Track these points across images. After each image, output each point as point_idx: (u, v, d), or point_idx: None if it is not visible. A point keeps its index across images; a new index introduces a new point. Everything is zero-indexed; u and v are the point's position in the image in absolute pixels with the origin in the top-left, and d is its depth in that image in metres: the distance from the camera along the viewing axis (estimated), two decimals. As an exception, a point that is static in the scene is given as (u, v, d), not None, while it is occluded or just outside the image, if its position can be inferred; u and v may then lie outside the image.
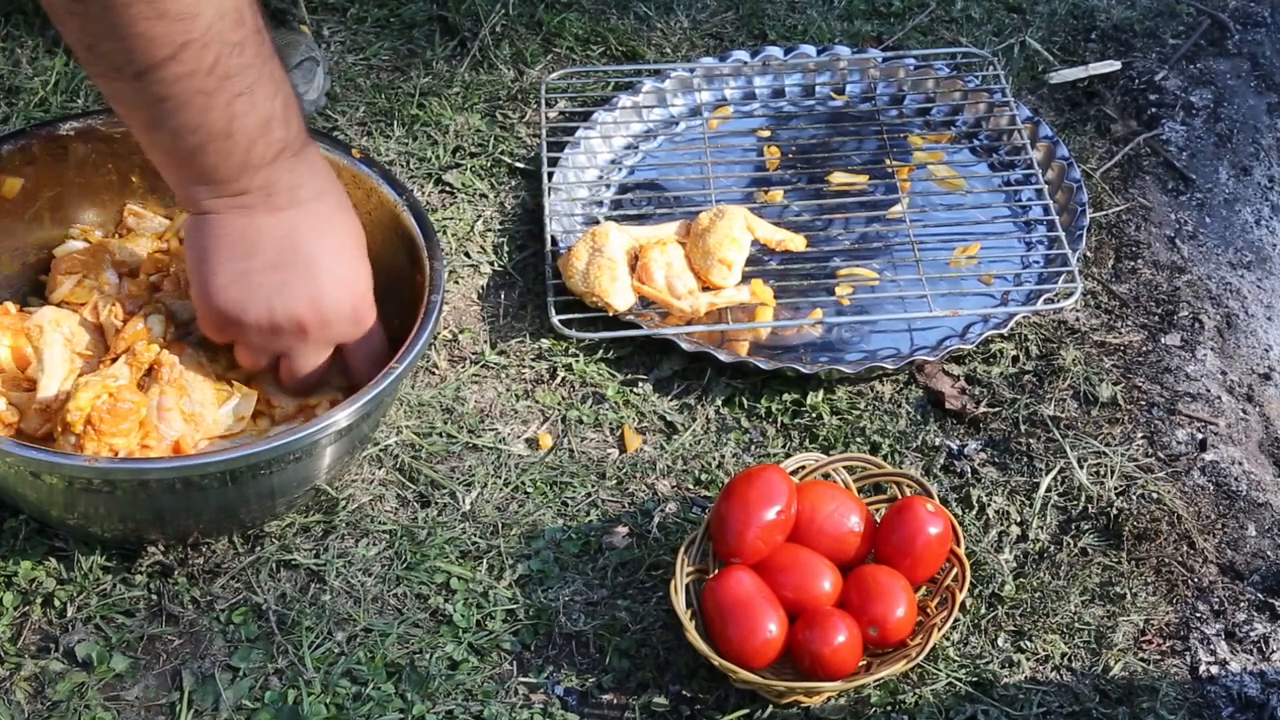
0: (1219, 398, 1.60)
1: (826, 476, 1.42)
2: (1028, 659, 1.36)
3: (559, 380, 1.57)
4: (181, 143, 1.19)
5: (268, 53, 1.21)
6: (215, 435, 1.36)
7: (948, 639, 1.36)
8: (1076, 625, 1.38)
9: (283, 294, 1.27)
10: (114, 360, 1.37)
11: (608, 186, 1.79)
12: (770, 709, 1.31)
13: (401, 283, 1.45)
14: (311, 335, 1.30)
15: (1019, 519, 1.46)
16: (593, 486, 1.47)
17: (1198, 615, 1.41)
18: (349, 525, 1.42)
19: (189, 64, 1.14)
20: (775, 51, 1.91)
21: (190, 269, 1.28)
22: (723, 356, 1.55)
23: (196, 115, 1.17)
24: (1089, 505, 1.48)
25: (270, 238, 1.25)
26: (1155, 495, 1.48)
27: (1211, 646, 1.38)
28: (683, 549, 1.35)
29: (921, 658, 1.29)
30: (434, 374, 1.57)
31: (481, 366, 1.57)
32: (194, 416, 1.35)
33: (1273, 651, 1.39)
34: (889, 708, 1.31)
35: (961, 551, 1.36)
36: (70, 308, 1.46)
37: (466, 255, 1.68)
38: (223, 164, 1.21)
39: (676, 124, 1.87)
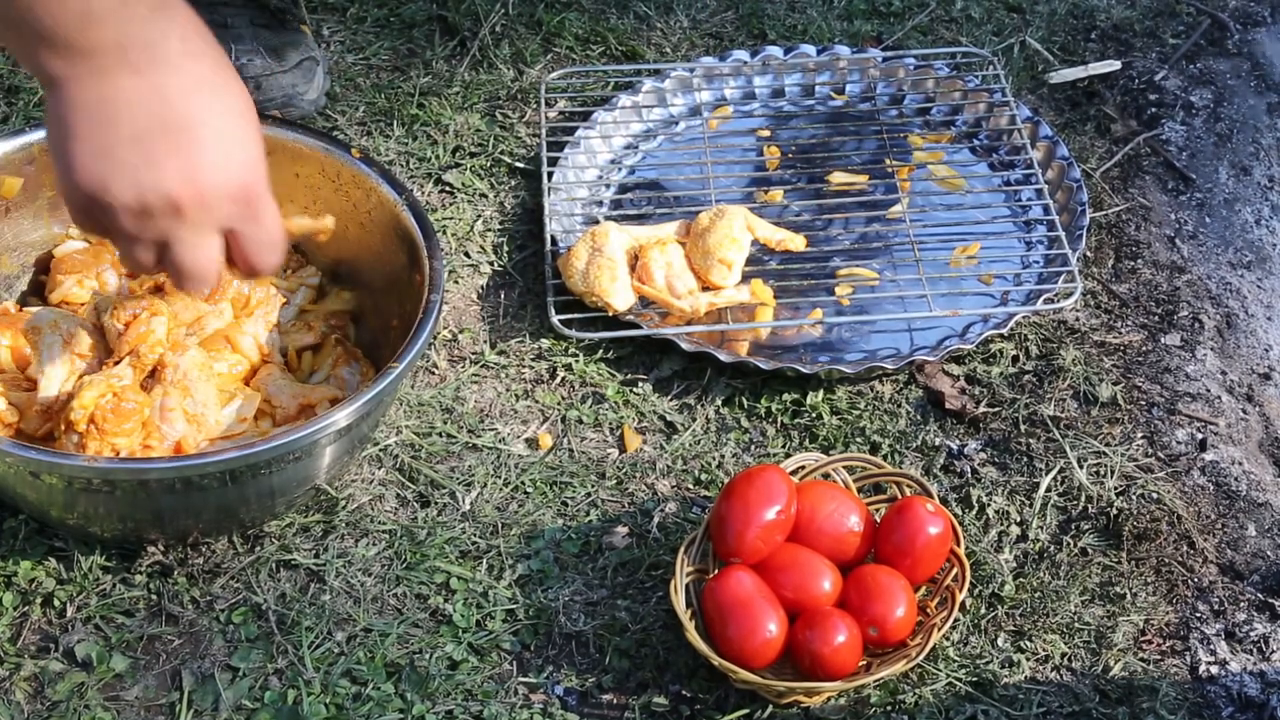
0: (1219, 398, 1.60)
1: (826, 476, 1.42)
2: (1028, 659, 1.36)
3: (559, 380, 1.57)
4: (10, 3, 1.03)
5: None
6: (217, 436, 1.36)
7: (948, 639, 1.36)
8: (1076, 625, 1.38)
9: (151, 168, 1.08)
10: (117, 362, 1.37)
11: (608, 186, 1.79)
12: (770, 709, 1.31)
13: (401, 282, 1.45)
14: (189, 216, 1.10)
15: (1019, 519, 1.46)
16: (593, 486, 1.47)
17: (1198, 615, 1.41)
18: (349, 525, 1.42)
19: None
20: (775, 51, 1.91)
21: (50, 151, 1.11)
22: (723, 356, 1.55)
23: None
24: (1089, 505, 1.48)
25: (132, 103, 1.07)
26: (1155, 495, 1.48)
27: (1211, 646, 1.38)
28: (683, 549, 1.35)
29: (921, 658, 1.29)
30: (434, 374, 1.56)
31: (481, 366, 1.57)
32: (197, 417, 1.35)
33: (1273, 651, 1.38)
34: (889, 708, 1.31)
35: (961, 551, 1.36)
36: (70, 308, 1.46)
37: (466, 255, 1.68)
38: (62, 20, 1.04)
39: (676, 124, 1.87)
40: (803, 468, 1.43)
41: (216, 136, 1.10)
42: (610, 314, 1.58)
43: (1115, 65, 1.95)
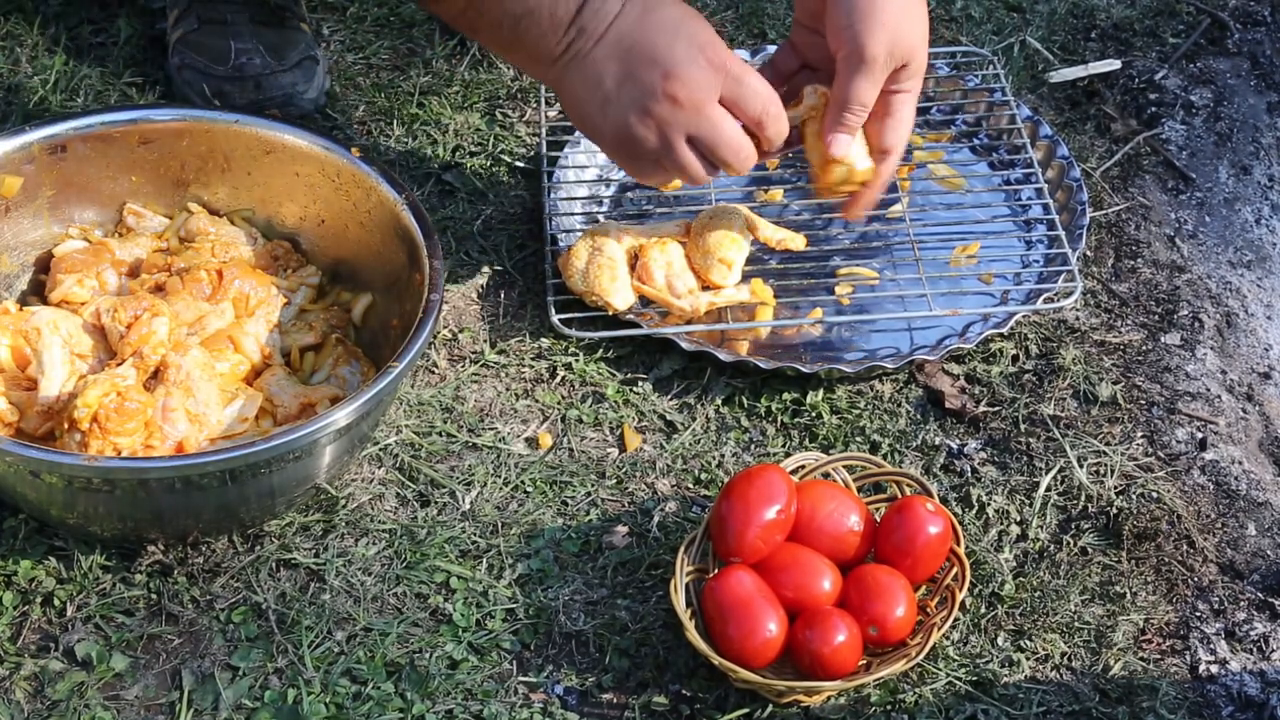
0: (1219, 397, 1.60)
1: (826, 476, 1.42)
2: (1028, 658, 1.36)
3: (559, 379, 1.57)
4: (501, 36, 1.41)
5: None
6: (218, 435, 1.36)
7: (948, 638, 1.36)
8: (1076, 624, 1.38)
9: (639, 88, 1.39)
10: (121, 363, 1.37)
11: (608, 185, 1.79)
12: (770, 708, 1.31)
13: (401, 282, 1.45)
14: (687, 101, 1.39)
15: (1019, 518, 1.46)
16: (592, 486, 1.47)
17: (1198, 614, 1.41)
18: (349, 524, 1.42)
19: None
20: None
21: (581, 131, 1.48)
22: (723, 356, 1.55)
23: (494, 10, 1.39)
24: (1089, 504, 1.48)
25: (605, 60, 1.39)
26: (1155, 494, 1.48)
27: (1211, 646, 1.38)
28: (682, 548, 1.35)
29: (921, 657, 1.29)
30: (434, 373, 1.56)
31: (481, 366, 1.57)
32: (199, 417, 1.35)
33: (1272, 651, 1.39)
34: (889, 707, 1.31)
35: (961, 551, 1.36)
36: (70, 307, 1.46)
37: (466, 254, 1.68)
38: (538, 36, 1.39)
39: (676, 123, 1.87)
40: (803, 467, 1.43)
41: (669, 37, 1.39)
42: (610, 313, 1.58)
43: (1115, 64, 1.95)
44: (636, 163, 1.45)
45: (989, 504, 1.47)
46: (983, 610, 1.39)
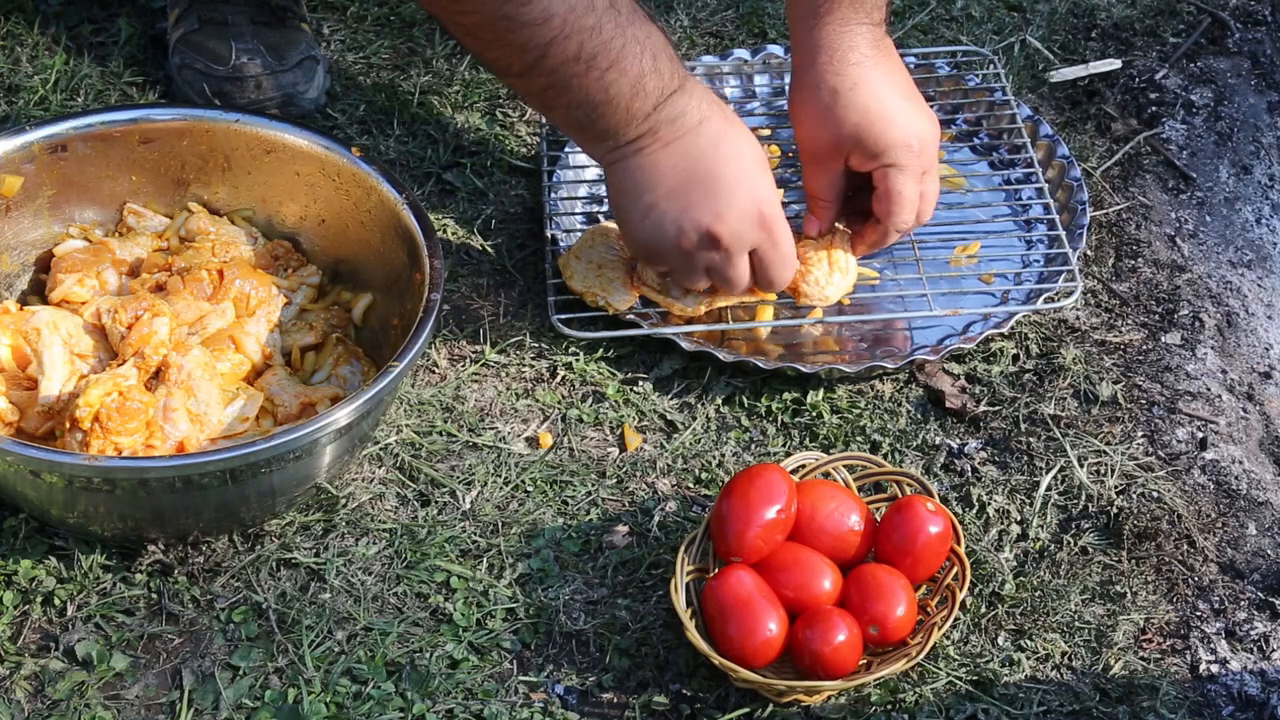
0: (1219, 396, 1.60)
1: (827, 475, 1.42)
2: (1028, 658, 1.36)
3: (559, 379, 1.57)
4: (573, 116, 1.42)
5: (626, 21, 1.37)
6: (219, 435, 1.36)
7: (948, 638, 1.36)
8: (1077, 624, 1.38)
9: (688, 213, 1.43)
10: (122, 363, 1.37)
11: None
12: (770, 708, 1.31)
13: (401, 281, 1.45)
14: (725, 243, 1.44)
15: (1019, 518, 1.46)
16: (593, 485, 1.47)
17: (1198, 614, 1.41)
18: (349, 524, 1.42)
19: (557, 57, 1.36)
20: (776, 50, 1.91)
21: (615, 215, 1.50)
22: (723, 355, 1.55)
23: (576, 93, 1.39)
24: (1089, 504, 1.48)
25: (665, 168, 1.42)
26: (1155, 494, 1.48)
27: (1212, 645, 1.38)
28: (683, 548, 1.35)
29: (922, 657, 1.29)
30: (434, 373, 1.57)
31: (481, 365, 1.57)
32: (200, 417, 1.35)
33: (1273, 650, 1.39)
34: (889, 706, 1.31)
35: (962, 550, 1.36)
36: (70, 307, 1.46)
37: (466, 254, 1.68)
38: (610, 123, 1.41)
39: (677, 123, 1.87)
40: (803, 466, 1.43)
41: (735, 177, 1.43)
42: (610, 313, 1.58)
43: (1116, 64, 1.95)
44: (651, 260, 1.51)
45: (989, 503, 1.47)
46: (983, 610, 1.39)
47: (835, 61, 1.50)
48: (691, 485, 1.48)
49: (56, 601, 1.35)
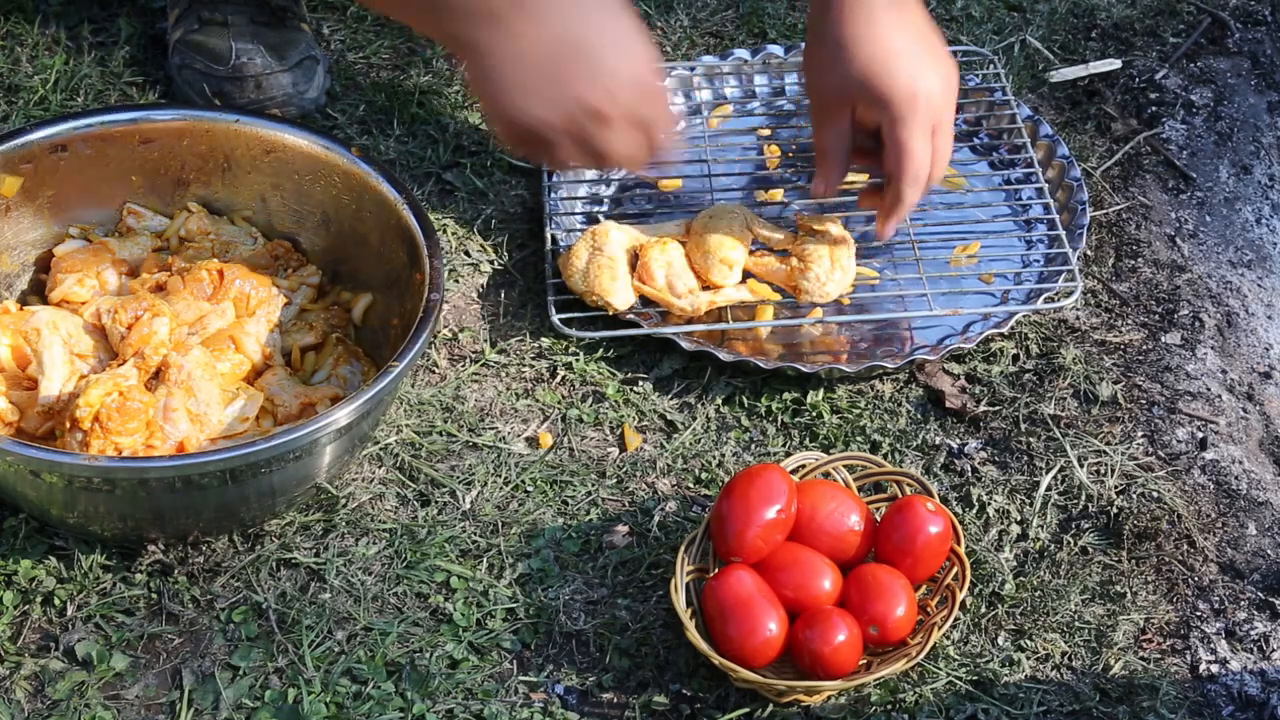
0: (1219, 396, 1.60)
1: (826, 475, 1.42)
2: (1028, 658, 1.36)
3: (559, 379, 1.57)
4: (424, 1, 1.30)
5: None
6: (219, 435, 1.36)
7: (948, 638, 1.36)
8: (1077, 624, 1.38)
9: (566, 89, 1.32)
10: (122, 363, 1.37)
11: (608, 185, 1.79)
12: (770, 708, 1.31)
13: (401, 281, 1.45)
14: (608, 115, 1.33)
15: (1019, 518, 1.46)
16: (593, 485, 1.47)
17: (1198, 614, 1.41)
18: (349, 524, 1.42)
19: None
20: (776, 50, 1.91)
21: (483, 104, 1.37)
22: (723, 355, 1.55)
23: None
24: (1089, 504, 1.48)
25: (532, 40, 1.30)
26: (1155, 494, 1.48)
27: (1212, 645, 1.38)
28: (683, 548, 1.35)
29: (922, 657, 1.29)
30: (434, 373, 1.57)
31: (481, 365, 1.57)
32: (200, 417, 1.35)
33: (1273, 650, 1.39)
34: (889, 706, 1.31)
35: (962, 550, 1.36)
36: (70, 307, 1.46)
37: (466, 254, 1.68)
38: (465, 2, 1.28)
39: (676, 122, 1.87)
40: (803, 466, 1.43)
41: (608, 48, 1.33)
42: (610, 313, 1.58)
43: (1116, 64, 1.95)
44: (529, 145, 1.39)
45: (989, 503, 1.47)
46: (983, 610, 1.39)
47: (847, 12, 1.44)
48: (691, 485, 1.48)
49: (56, 601, 1.35)
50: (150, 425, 1.33)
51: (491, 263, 1.67)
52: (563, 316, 1.58)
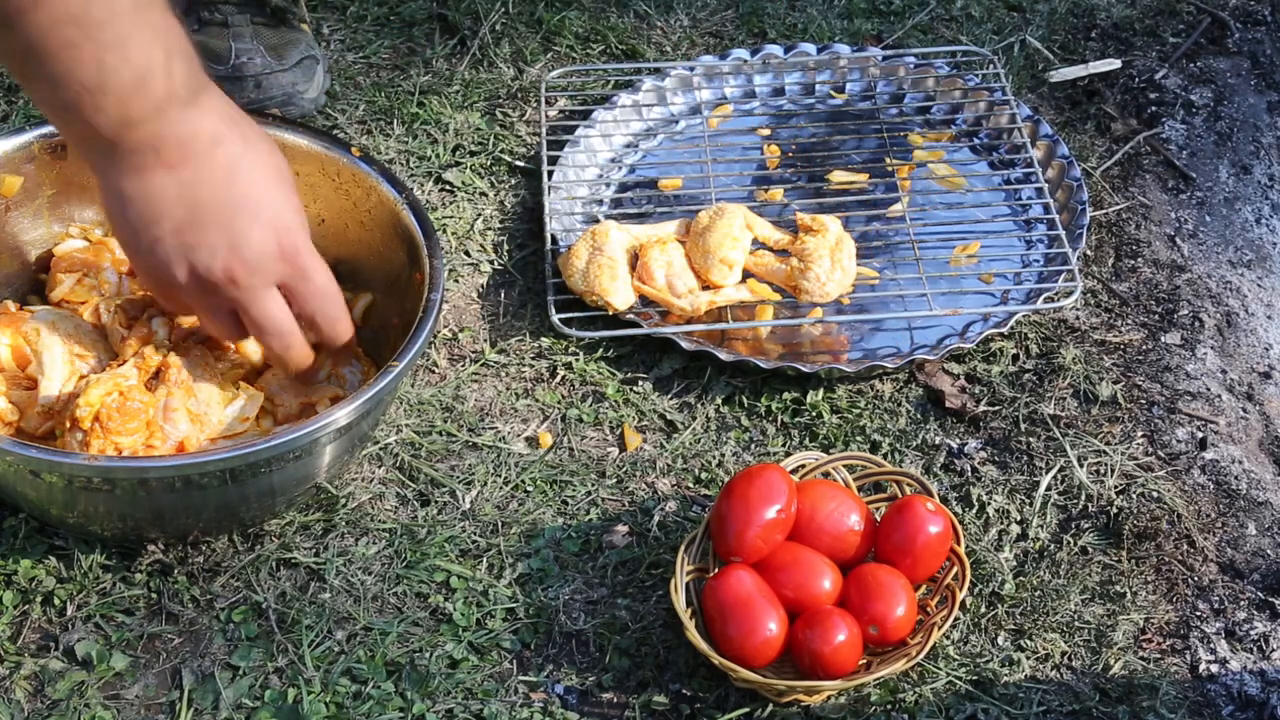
0: (1219, 396, 1.60)
1: (826, 475, 1.42)
2: (1028, 657, 1.36)
3: (559, 379, 1.57)
4: (57, 97, 1.13)
5: (145, 1, 1.13)
6: (219, 435, 1.36)
7: (948, 638, 1.36)
8: (1077, 624, 1.38)
9: (199, 251, 1.20)
10: (122, 364, 1.37)
11: (608, 185, 1.79)
12: (770, 708, 1.31)
13: (401, 281, 1.45)
14: (243, 282, 1.22)
15: (1019, 518, 1.46)
16: (593, 485, 1.47)
17: (1198, 614, 1.41)
18: (349, 524, 1.42)
19: (53, 11, 1.08)
20: (775, 50, 1.91)
21: (124, 243, 1.23)
22: (723, 355, 1.55)
23: (65, 67, 1.10)
24: (1089, 504, 1.48)
25: (172, 198, 1.19)
26: (1155, 494, 1.48)
27: (1211, 645, 1.38)
28: (683, 548, 1.35)
29: (922, 656, 1.29)
30: (434, 372, 1.56)
31: (481, 365, 1.57)
32: (200, 417, 1.35)
33: (1273, 650, 1.39)
34: (889, 706, 1.31)
35: (961, 550, 1.36)
36: (70, 306, 1.46)
37: (466, 254, 1.68)
38: (101, 119, 1.14)
39: (676, 122, 1.87)
40: (803, 466, 1.43)
41: (250, 209, 1.22)
42: (610, 313, 1.58)
43: (1115, 64, 1.95)
44: (166, 299, 1.29)
45: (989, 503, 1.47)
46: (983, 610, 1.39)
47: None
48: (691, 485, 1.48)
49: (56, 601, 1.35)
50: (150, 425, 1.33)
51: (491, 263, 1.67)
52: (563, 316, 1.58)
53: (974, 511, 1.47)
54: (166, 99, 1.15)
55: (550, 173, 1.73)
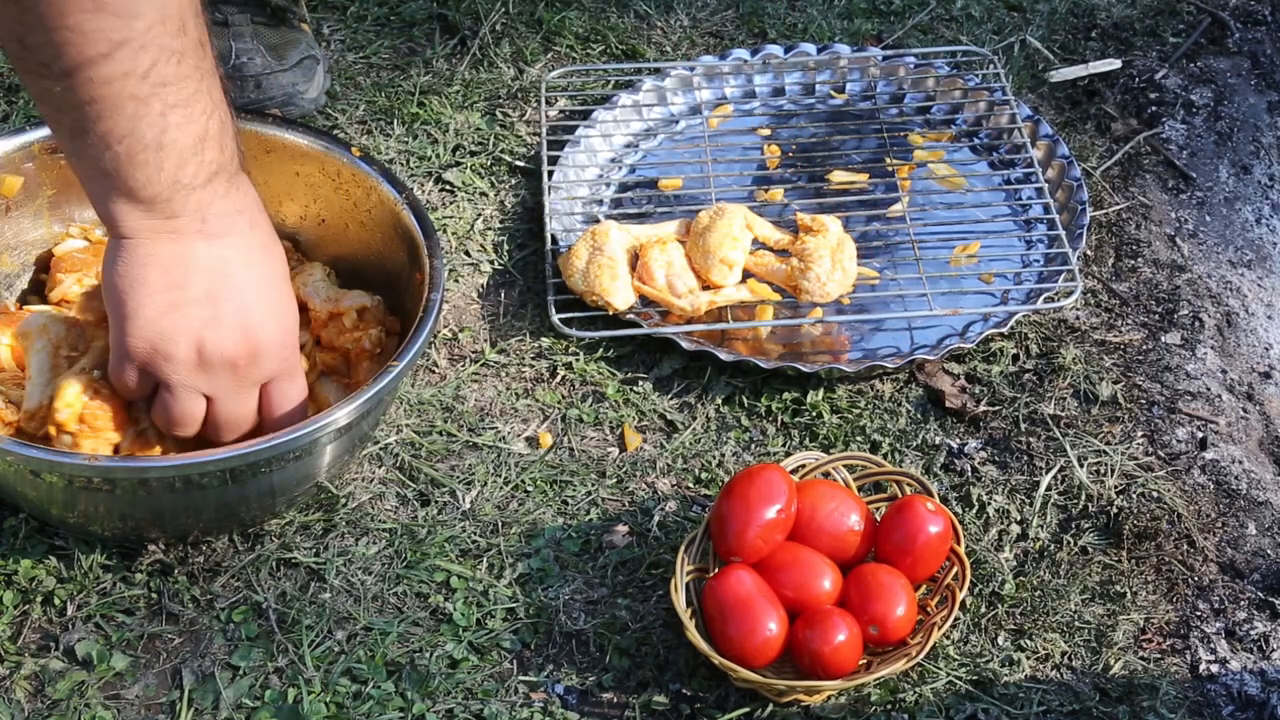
0: (1219, 396, 1.60)
1: (826, 475, 1.42)
2: (1028, 657, 1.36)
3: (559, 379, 1.57)
4: (110, 152, 1.11)
5: (208, 68, 1.14)
6: None
7: (948, 638, 1.36)
8: (1077, 624, 1.38)
9: (215, 326, 1.19)
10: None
11: (608, 185, 1.79)
12: (770, 708, 1.31)
13: (401, 281, 1.45)
14: (241, 371, 1.22)
15: (1019, 518, 1.46)
16: (593, 485, 1.47)
17: (1198, 614, 1.41)
18: (349, 524, 1.42)
19: (123, 65, 1.08)
20: (775, 50, 1.91)
21: (111, 299, 1.19)
22: (723, 355, 1.55)
23: (127, 122, 1.10)
24: (1089, 504, 1.48)
25: (204, 267, 1.18)
26: (1155, 494, 1.48)
27: (1212, 645, 1.38)
28: (683, 548, 1.35)
29: (922, 656, 1.29)
30: (434, 372, 1.57)
31: (481, 365, 1.57)
32: None
33: (1273, 650, 1.39)
34: (889, 706, 1.31)
35: (962, 550, 1.36)
36: (70, 306, 1.45)
37: (466, 254, 1.68)
38: (153, 179, 1.13)
39: (677, 122, 1.87)
40: (803, 466, 1.43)
41: (269, 300, 1.22)
42: (610, 313, 1.58)
43: (1115, 64, 1.95)
44: (142, 366, 1.22)
45: (989, 503, 1.47)
46: (983, 610, 1.39)
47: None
48: (691, 485, 1.48)
49: (56, 601, 1.35)
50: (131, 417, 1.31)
51: (491, 263, 1.67)
52: (563, 316, 1.58)
53: (974, 511, 1.47)
54: (218, 169, 1.16)
55: (550, 173, 1.73)
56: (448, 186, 1.75)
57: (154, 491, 1.28)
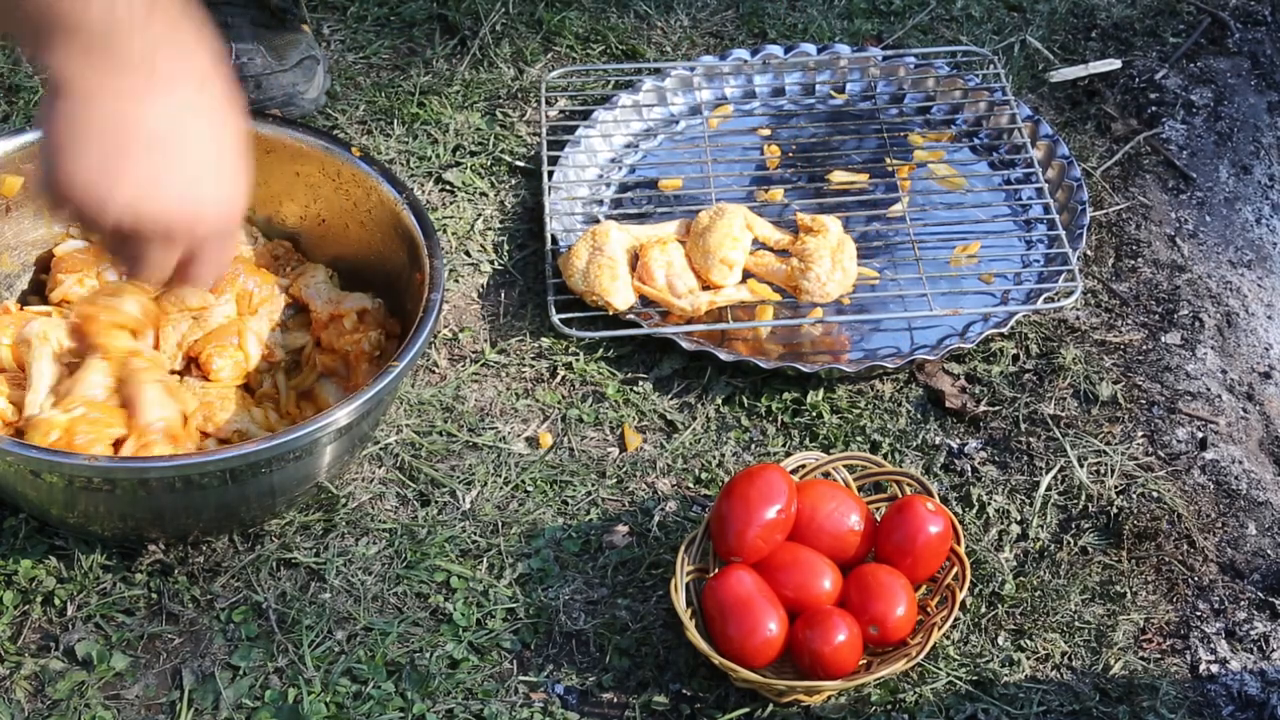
0: (1219, 396, 1.60)
1: (827, 475, 1.42)
2: (1028, 658, 1.36)
3: (559, 379, 1.57)
4: None
5: None
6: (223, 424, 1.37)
7: (948, 638, 1.36)
8: (1077, 624, 1.38)
9: (154, 189, 1.08)
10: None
11: (608, 185, 1.79)
12: (770, 708, 1.31)
13: (401, 281, 1.45)
14: (177, 239, 1.11)
15: (1019, 518, 1.46)
16: (593, 485, 1.47)
17: (1198, 614, 1.41)
18: (349, 524, 1.42)
19: None
20: (775, 50, 1.91)
21: (45, 151, 1.08)
22: (723, 355, 1.55)
23: None
24: (1089, 504, 1.48)
25: (150, 122, 1.07)
26: (1155, 494, 1.48)
27: (1212, 645, 1.38)
28: (683, 548, 1.35)
29: (922, 656, 1.29)
30: (434, 373, 1.57)
31: (481, 365, 1.57)
32: (176, 390, 1.35)
33: (1273, 650, 1.38)
34: (889, 706, 1.31)
35: (962, 550, 1.36)
36: (69, 307, 1.45)
37: (466, 254, 1.68)
38: (88, 8, 1.01)
39: (677, 122, 1.87)
40: (803, 466, 1.43)
41: (219, 163, 1.12)
42: (610, 313, 1.58)
43: (1115, 64, 1.95)
44: (72, 216, 1.12)
45: (989, 503, 1.47)
46: (983, 610, 1.39)
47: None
48: (691, 485, 1.48)
49: (56, 601, 1.35)
50: (132, 426, 1.31)
51: (491, 263, 1.67)
52: (563, 316, 1.58)
53: (974, 511, 1.47)
54: (182, 16, 1.06)
55: (550, 173, 1.73)
56: (448, 186, 1.75)
57: (154, 491, 1.29)
